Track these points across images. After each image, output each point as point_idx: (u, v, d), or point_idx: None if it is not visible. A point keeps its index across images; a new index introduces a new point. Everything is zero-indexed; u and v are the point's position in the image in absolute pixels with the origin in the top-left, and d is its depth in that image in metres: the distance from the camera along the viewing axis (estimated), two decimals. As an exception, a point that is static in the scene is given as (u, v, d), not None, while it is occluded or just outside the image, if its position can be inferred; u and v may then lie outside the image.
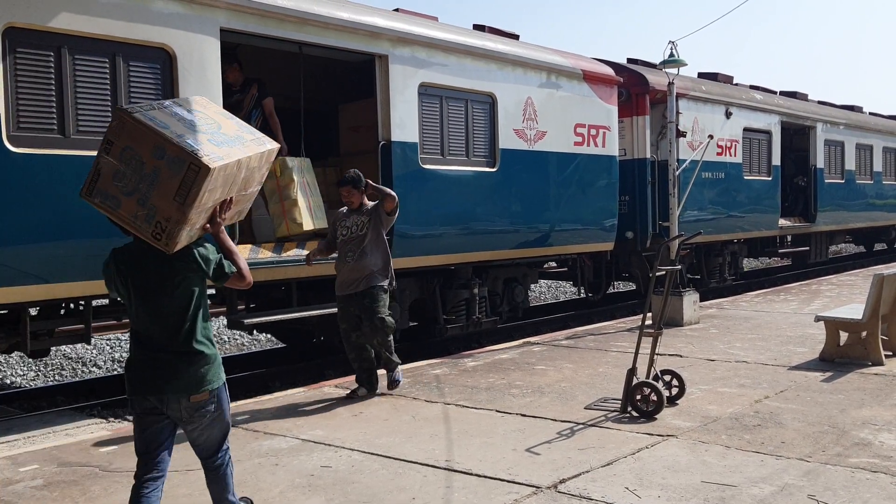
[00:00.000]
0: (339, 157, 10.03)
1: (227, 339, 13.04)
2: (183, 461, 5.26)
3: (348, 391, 7.08)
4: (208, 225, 3.64)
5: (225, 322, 11.06)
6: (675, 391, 6.51)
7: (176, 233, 3.42)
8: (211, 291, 9.45)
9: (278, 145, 4.09)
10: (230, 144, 3.62)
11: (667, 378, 6.51)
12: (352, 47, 8.43)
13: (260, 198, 8.10)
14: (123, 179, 3.42)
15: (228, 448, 3.89)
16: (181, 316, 3.56)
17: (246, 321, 7.85)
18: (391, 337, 6.92)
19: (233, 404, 6.99)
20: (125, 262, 3.60)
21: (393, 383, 6.97)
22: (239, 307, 8.42)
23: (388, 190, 6.86)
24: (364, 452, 5.36)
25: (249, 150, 3.71)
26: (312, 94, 9.91)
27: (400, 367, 7.08)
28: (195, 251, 3.60)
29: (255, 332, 12.15)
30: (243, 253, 7.58)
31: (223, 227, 3.68)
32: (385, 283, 6.85)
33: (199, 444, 3.77)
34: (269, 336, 12.42)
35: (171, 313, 3.55)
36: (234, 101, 8.25)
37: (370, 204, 6.88)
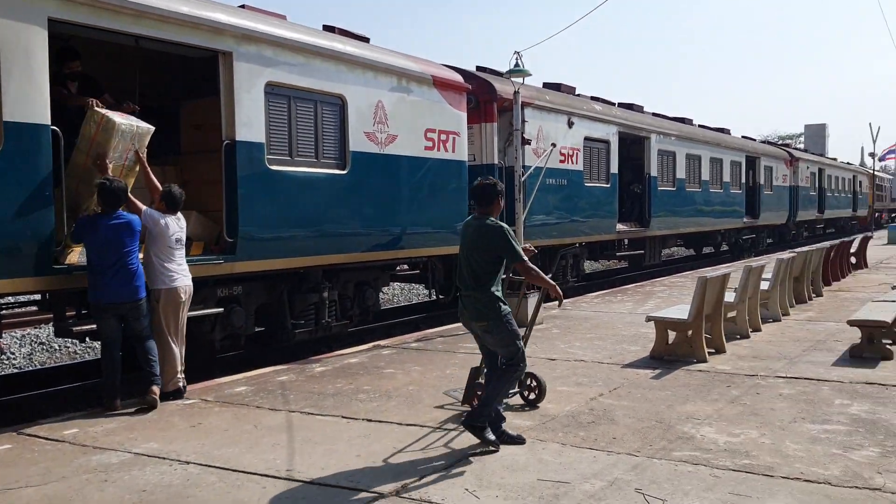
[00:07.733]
0: (181, 156, 9.64)
1: (58, 348, 12.23)
2: None
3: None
4: None
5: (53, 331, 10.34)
6: (532, 395, 6.64)
7: None
8: (37, 296, 8.81)
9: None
10: None
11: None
12: (193, 42, 8.09)
13: None
14: None
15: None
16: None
17: (75, 328, 7.39)
18: None
19: (59, 419, 6.55)
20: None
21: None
22: (69, 314, 7.91)
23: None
24: (201, 465, 5.17)
25: None
26: (152, 89, 9.46)
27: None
28: None
29: (87, 339, 11.43)
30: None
31: None
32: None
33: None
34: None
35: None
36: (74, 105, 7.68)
37: None
